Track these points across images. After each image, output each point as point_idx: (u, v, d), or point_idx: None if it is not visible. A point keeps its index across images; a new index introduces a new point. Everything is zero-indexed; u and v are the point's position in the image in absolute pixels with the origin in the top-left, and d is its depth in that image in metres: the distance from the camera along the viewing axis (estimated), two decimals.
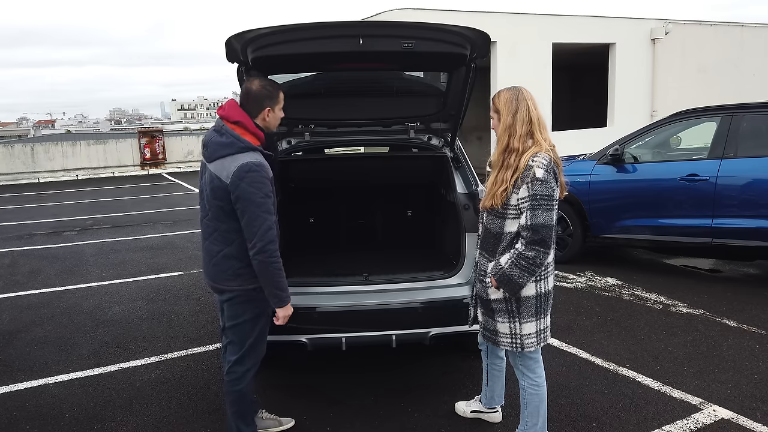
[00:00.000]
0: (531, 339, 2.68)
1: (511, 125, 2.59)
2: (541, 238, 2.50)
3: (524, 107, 2.60)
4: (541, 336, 2.70)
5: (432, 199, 4.37)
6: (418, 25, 3.32)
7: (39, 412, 3.63)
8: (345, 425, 3.38)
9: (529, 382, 2.82)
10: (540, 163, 2.50)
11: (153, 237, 9.20)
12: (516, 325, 2.67)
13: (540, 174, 2.48)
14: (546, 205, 2.49)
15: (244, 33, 3.14)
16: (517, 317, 2.66)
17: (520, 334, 2.67)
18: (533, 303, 2.64)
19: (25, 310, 5.68)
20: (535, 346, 2.69)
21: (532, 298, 2.63)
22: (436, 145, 4.15)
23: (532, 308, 2.64)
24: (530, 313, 2.65)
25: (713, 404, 3.46)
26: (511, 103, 2.62)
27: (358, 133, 4.23)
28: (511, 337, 2.70)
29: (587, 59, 16.20)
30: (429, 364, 4.11)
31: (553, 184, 2.51)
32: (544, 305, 2.67)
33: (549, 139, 2.63)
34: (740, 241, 5.55)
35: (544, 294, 2.65)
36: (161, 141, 21.67)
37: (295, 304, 3.52)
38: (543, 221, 2.49)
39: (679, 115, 6.22)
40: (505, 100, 2.65)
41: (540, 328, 2.69)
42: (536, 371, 2.81)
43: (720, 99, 7.46)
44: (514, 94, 2.63)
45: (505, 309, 2.68)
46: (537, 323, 2.67)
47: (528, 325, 2.66)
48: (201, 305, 5.60)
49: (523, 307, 2.64)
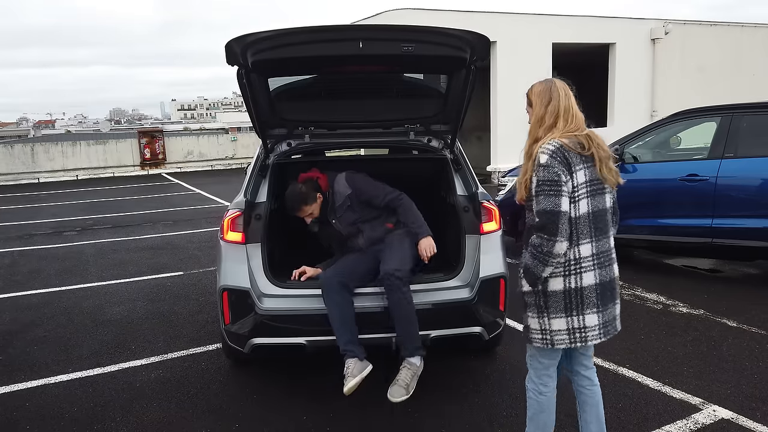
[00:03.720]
0: (561, 335, 2.55)
1: (542, 117, 2.57)
2: (543, 224, 2.42)
3: (556, 98, 2.57)
4: (574, 335, 2.54)
5: (432, 202, 4.38)
6: (418, 29, 3.32)
7: (39, 412, 3.64)
8: (345, 425, 3.38)
9: (532, 387, 2.72)
10: (545, 149, 2.46)
11: (153, 237, 9.21)
12: (545, 320, 2.57)
13: (543, 159, 2.44)
14: (548, 191, 2.42)
15: (244, 36, 3.14)
16: (545, 312, 2.56)
17: (549, 330, 2.56)
18: (561, 298, 2.52)
19: (25, 310, 5.68)
20: (566, 344, 2.56)
21: (559, 293, 2.52)
22: (436, 147, 4.15)
23: (560, 303, 2.52)
24: (559, 309, 2.52)
25: (713, 404, 3.46)
26: (544, 95, 2.59)
27: (357, 135, 4.23)
28: (541, 332, 2.59)
29: (587, 59, 16.18)
30: (429, 365, 4.10)
31: (557, 169, 2.42)
32: (576, 302, 2.52)
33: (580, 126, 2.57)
34: (740, 241, 5.55)
35: (575, 290, 2.51)
36: (161, 141, 21.69)
37: (295, 306, 3.55)
38: (544, 206, 2.42)
39: (679, 115, 6.22)
40: (537, 92, 2.63)
41: (573, 326, 2.53)
42: (543, 379, 2.69)
43: (720, 99, 7.44)
44: (547, 86, 2.61)
45: (534, 303, 2.59)
46: (568, 320, 2.53)
47: (557, 321, 2.54)
48: (201, 305, 5.60)
49: (551, 301, 2.53)
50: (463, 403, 3.58)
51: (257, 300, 3.47)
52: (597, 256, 2.53)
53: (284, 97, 3.95)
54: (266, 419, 3.47)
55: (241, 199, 3.77)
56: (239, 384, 3.94)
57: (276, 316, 3.45)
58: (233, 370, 4.13)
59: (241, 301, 3.50)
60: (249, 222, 3.64)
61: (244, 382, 3.96)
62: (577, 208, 2.47)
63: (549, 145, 2.47)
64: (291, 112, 4.05)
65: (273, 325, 3.45)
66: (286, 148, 4.11)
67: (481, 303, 3.55)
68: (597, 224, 2.53)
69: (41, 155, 19.97)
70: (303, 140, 4.13)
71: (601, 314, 2.57)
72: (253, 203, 3.75)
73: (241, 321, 3.51)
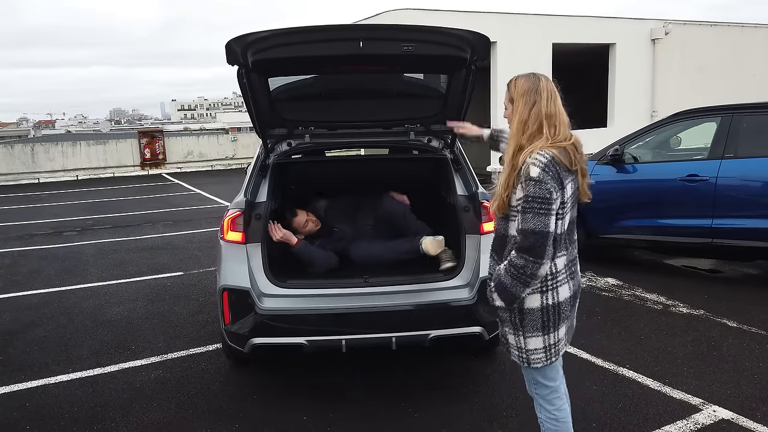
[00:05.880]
0: (538, 354, 2.38)
1: (526, 121, 2.30)
2: (530, 245, 2.19)
3: (541, 100, 2.30)
4: (551, 351, 2.38)
5: (432, 202, 4.38)
6: (418, 28, 3.32)
7: (39, 412, 3.64)
8: (345, 425, 3.38)
9: (547, 415, 2.48)
10: (537, 161, 2.19)
11: (153, 237, 9.21)
12: (520, 339, 2.39)
13: (534, 173, 2.18)
14: (538, 209, 2.17)
15: (244, 36, 3.14)
16: (521, 330, 2.37)
17: (525, 349, 2.39)
18: (538, 316, 2.33)
19: (25, 310, 5.68)
20: (543, 362, 2.39)
21: (536, 311, 2.33)
22: (436, 147, 4.15)
23: (537, 322, 2.34)
24: (536, 327, 2.34)
25: (713, 404, 3.46)
26: (529, 96, 2.32)
27: (357, 135, 4.23)
28: (518, 350, 2.43)
29: (587, 59, 16.18)
30: (429, 365, 4.11)
31: (549, 186, 2.18)
32: (554, 318, 2.35)
33: (566, 134, 2.31)
34: (740, 241, 5.55)
35: (552, 306, 2.33)
36: (161, 141, 21.68)
37: (295, 306, 3.55)
38: (532, 226, 2.18)
39: (679, 116, 6.22)
40: (522, 91, 2.34)
41: (549, 343, 2.37)
42: (554, 402, 2.47)
43: (720, 99, 7.44)
44: (533, 86, 2.32)
45: (509, 319, 2.40)
46: (545, 338, 2.36)
47: (533, 339, 2.36)
48: (201, 305, 5.60)
49: (527, 320, 2.35)
50: (463, 403, 3.58)
51: (257, 300, 3.47)
52: (568, 266, 2.38)
53: (284, 97, 3.95)
54: (266, 419, 3.47)
55: (241, 199, 3.77)
56: (239, 384, 3.94)
57: (276, 316, 3.45)
58: (233, 370, 4.13)
59: (241, 300, 3.50)
60: (249, 222, 3.65)
61: (244, 382, 3.96)
62: (562, 225, 2.28)
63: (541, 156, 2.21)
64: (291, 112, 4.05)
65: (273, 325, 3.45)
66: (286, 148, 4.11)
67: (481, 303, 3.54)
68: (570, 235, 2.38)
69: (41, 155, 19.97)
70: (303, 140, 4.13)
71: (569, 321, 2.44)
72: (253, 203, 3.75)
73: (241, 321, 3.51)
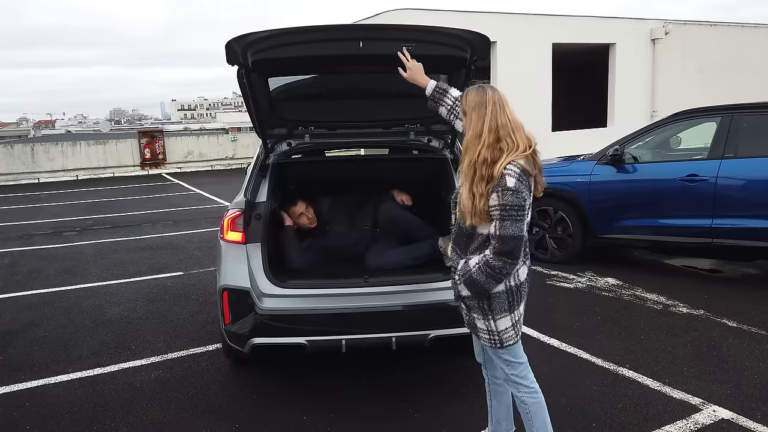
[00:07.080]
0: (508, 333, 2.59)
1: (481, 133, 2.45)
2: (509, 249, 2.41)
3: (492, 111, 2.45)
4: (517, 327, 2.62)
5: (432, 201, 4.38)
6: (418, 28, 3.32)
7: (39, 412, 3.63)
8: (345, 425, 3.38)
9: (525, 390, 2.69)
10: (512, 172, 2.39)
11: (153, 237, 9.21)
12: (491, 322, 2.58)
13: (511, 183, 2.37)
14: (516, 216, 2.39)
15: (244, 36, 3.15)
16: (490, 314, 2.57)
17: (497, 331, 2.58)
18: (504, 298, 2.54)
19: (25, 310, 5.68)
20: (514, 339, 2.61)
21: (502, 293, 2.54)
22: (436, 147, 4.15)
23: (504, 303, 2.55)
24: (503, 308, 2.55)
25: (713, 404, 3.46)
26: (480, 109, 2.47)
27: (357, 135, 4.23)
28: (488, 333, 2.61)
29: (587, 59, 16.21)
30: (429, 365, 4.11)
31: (524, 194, 2.40)
32: (517, 297, 2.57)
33: (527, 139, 2.48)
34: (740, 241, 5.55)
35: (515, 287, 2.55)
36: (161, 141, 21.69)
37: (295, 306, 3.55)
38: (512, 232, 2.39)
39: (679, 115, 6.22)
40: (473, 105, 2.49)
41: (515, 320, 2.60)
42: (527, 377, 2.70)
43: (720, 99, 7.44)
44: (482, 98, 2.48)
45: (478, 306, 2.60)
46: (512, 316, 2.57)
47: (502, 320, 2.57)
48: (201, 305, 5.60)
49: (495, 303, 2.55)
50: (463, 403, 3.58)
51: (257, 300, 3.46)
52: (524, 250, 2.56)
53: (284, 97, 3.95)
54: (266, 419, 3.47)
55: (241, 199, 3.77)
56: (239, 384, 3.94)
57: (276, 316, 3.45)
58: (233, 370, 4.13)
59: (241, 300, 3.50)
60: (249, 222, 3.65)
61: (244, 382, 3.96)
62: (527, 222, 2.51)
63: (515, 167, 2.40)
64: (291, 112, 4.06)
65: (273, 325, 3.45)
66: (286, 148, 4.11)
67: None
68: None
69: (41, 155, 19.97)
70: (303, 140, 4.14)
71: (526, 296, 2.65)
72: (253, 203, 3.75)
73: (241, 321, 3.51)
